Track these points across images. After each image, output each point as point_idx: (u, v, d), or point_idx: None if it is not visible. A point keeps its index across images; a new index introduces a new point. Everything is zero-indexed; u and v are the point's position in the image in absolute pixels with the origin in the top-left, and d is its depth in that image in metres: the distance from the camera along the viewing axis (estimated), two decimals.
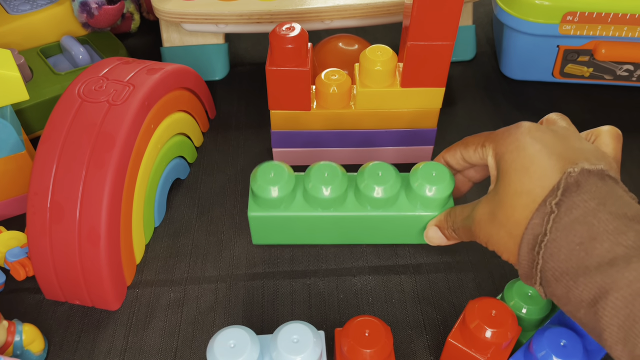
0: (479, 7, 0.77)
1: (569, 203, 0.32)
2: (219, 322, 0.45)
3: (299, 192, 0.45)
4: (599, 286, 0.30)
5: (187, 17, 0.58)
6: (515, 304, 0.40)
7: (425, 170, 0.43)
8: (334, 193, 0.43)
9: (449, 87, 0.65)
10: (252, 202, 0.45)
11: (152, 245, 0.51)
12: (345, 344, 0.37)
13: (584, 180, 0.33)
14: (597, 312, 0.30)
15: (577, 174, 0.33)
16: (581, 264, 0.31)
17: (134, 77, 0.48)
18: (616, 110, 0.63)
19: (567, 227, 0.32)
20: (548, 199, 0.33)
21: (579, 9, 0.57)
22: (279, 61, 0.48)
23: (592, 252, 0.31)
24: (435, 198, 0.43)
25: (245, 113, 0.63)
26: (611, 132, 0.39)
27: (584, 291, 0.31)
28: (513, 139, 0.37)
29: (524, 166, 0.35)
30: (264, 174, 0.43)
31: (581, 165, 0.33)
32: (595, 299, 0.30)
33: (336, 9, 0.58)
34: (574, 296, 0.31)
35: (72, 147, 0.43)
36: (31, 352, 0.41)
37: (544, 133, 0.36)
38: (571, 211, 0.32)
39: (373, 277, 0.48)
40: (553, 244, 0.32)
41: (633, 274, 0.29)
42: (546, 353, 0.36)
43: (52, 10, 0.63)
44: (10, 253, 0.47)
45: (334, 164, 0.44)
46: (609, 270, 0.30)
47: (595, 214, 0.31)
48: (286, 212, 0.44)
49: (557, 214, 0.32)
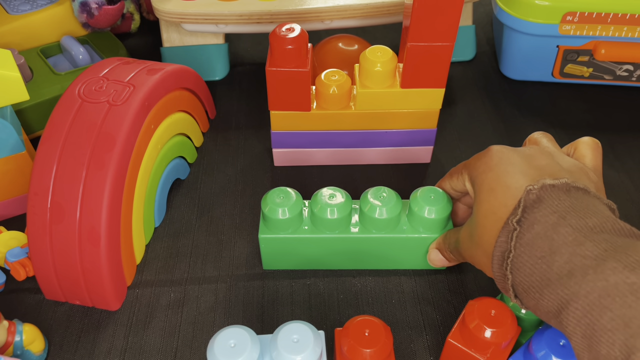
0: (479, 7, 0.77)
1: (531, 219, 0.34)
2: (219, 322, 0.45)
3: (306, 216, 0.46)
4: (560, 297, 0.31)
5: (187, 17, 0.58)
6: (515, 304, 0.40)
7: (424, 194, 0.45)
8: (339, 214, 0.44)
9: (449, 87, 0.65)
10: (263, 226, 0.46)
11: (152, 245, 0.51)
12: (345, 343, 0.37)
13: (546, 195, 0.34)
14: (562, 322, 0.31)
15: (537, 190, 0.34)
16: (544, 276, 0.32)
17: (134, 77, 0.48)
18: (616, 110, 0.63)
19: (529, 243, 0.33)
20: (511, 217, 0.34)
21: (578, 9, 0.57)
22: (279, 62, 0.48)
23: (553, 264, 0.32)
24: (435, 219, 0.44)
25: (245, 113, 0.63)
26: (589, 142, 0.40)
27: (549, 302, 0.32)
28: (482, 162, 0.38)
29: (490, 187, 0.37)
30: (273, 198, 0.45)
31: (542, 182, 0.34)
32: (558, 309, 0.31)
33: (336, 9, 0.58)
34: (542, 307, 0.33)
35: (73, 148, 0.43)
36: (31, 352, 0.41)
37: (511, 153, 0.38)
38: (533, 227, 0.33)
39: (373, 278, 0.48)
40: (518, 260, 0.34)
41: (590, 284, 0.30)
42: (545, 353, 0.36)
43: (52, 10, 0.63)
44: (10, 253, 0.47)
45: (339, 189, 0.46)
46: (568, 282, 0.31)
47: (555, 228, 0.32)
48: (294, 235, 0.46)
49: (519, 231, 0.34)
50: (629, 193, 0.55)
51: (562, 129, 0.60)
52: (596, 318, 0.29)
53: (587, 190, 0.35)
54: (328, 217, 0.44)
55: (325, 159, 0.56)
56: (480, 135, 0.61)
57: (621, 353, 0.28)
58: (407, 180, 0.56)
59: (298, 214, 0.45)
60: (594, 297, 0.30)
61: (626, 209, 0.53)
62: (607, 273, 0.30)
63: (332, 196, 0.45)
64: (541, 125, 0.61)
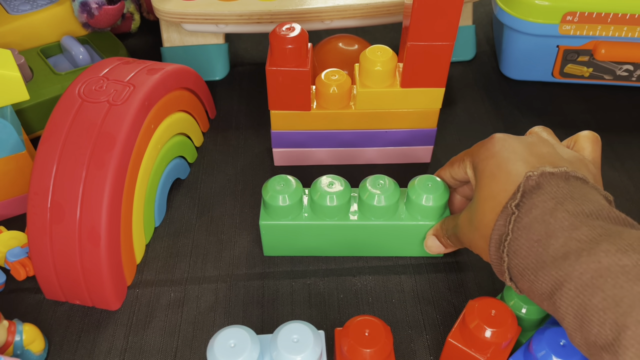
0: (479, 7, 0.77)
1: (529, 204, 0.35)
2: (219, 322, 0.45)
3: (306, 203, 0.47)
4: (554, 279, 0.32)
5: (187, 17, 0.58)
6: (515, 304, 0.40)
7: (422, 182, 0.46)
8: (338, 201, 0.45)
9: (449, 87, 0.65)
10: (264, 212, 0.47)
11: (152, 245, 0.51)
12: (345, 343, 0.37)
13: (545, 182, 0.35)
14: (555, 303, 0.32)
15: (537, 176, 0.35)
16: (539, 259, 0.33)
17: (134, 77, 0.48)
18: (616, 110, 0.63)
19: (527, 227, 0.34)
20: (510, 201, 0.35)
21: (578, 9, 0.57)
22: (279, 61, 0.48)
23: (548, 247, 0.33)
24: (433, 207, 0.45)
25: (245, 113, 0.63)
26: (588, 136, 0.41)
27: (543, 284, 0.33)
28: (485, 149, 0.40)
29: (492, 173, 0.38)
30: (274, 185, 0.45)
31: (542, 169, 0.35)
32: (552, 291, 0.32)
33: (336, 9, 0.58)
34: (537, 289, 0.34)
35: (73, 147, 0.43)
36: (31, 352, 0.41)
37: (514, 142, 0.39)
38: (530, 211, 0.34)
39: (373, 277, 0.48)
40: (515, 242, 0.35)
41: (583, 266, 0.31)
42: (546, 353, 0.36)
43: (52, 10, 0.63)
44: (10, 253, 0.47)
45: (338, 177, 0.46)
46: (563, 264, 0.32)
47: (553, 213, 0.33)
48: (294, 222, 0.46)
49: (517, 215, 0.35)
50: (629, 193, 0.55)
51: (562, 129, 0.60)
52: (588, 298, 0.30)
53: (586, 180, 0.36)
54: (327, 205, 0.45)
55: (325, 158, 0.56)
56: (480, 135, 0.60)
57: (612, 332, 0.29)
58: (407, 180, 0.55)
59: (298, 201, 0.45)
60: (586, 278, 0.31)
61: (626, 209, 0.52)
62: (600, 255, 0.31)
63: (332, 184, 0.45)
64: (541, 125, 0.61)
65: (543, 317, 0.40)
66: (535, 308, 0.40)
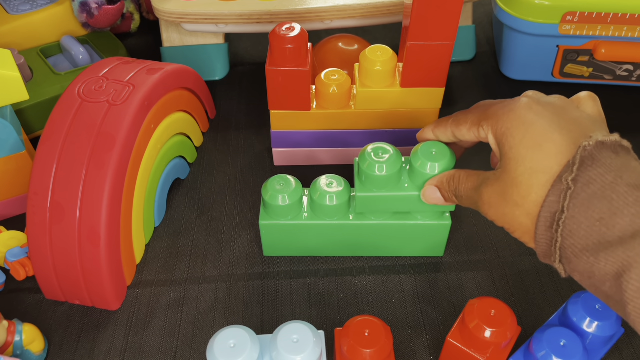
0: (479, 7, 0.77)
1: (586, 178, 0.31)
2: (219, 322, 0.45)
3: (306, 203, 0.47)
4: (622, 260, 0.29)
5: (187, 17, 0.58)
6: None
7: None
8: (338, 201, 0.45)
9: (449, 87, 0.65)
10: (264, 212, 0.47)
11: (152, 245, 0.51)
12: (345, 344, 0.37)
13: (598, 153, 0.32)
14: (621, 285, 0.29)
15: (592, 147, 0.32)
16: (602, 239, 0.30)
17: (134, 77, 0.48)
18: (616, 110, 0.63)
19: (585, 203, 0.31)
20: (564, 175, 0.32)
21: (578, 9, 0.57)
22: (279, 61, 0.48)
23: (614, 227, 0.30)
24: None
25: (245, 113, 0.63)
26: (590, 95, 0.38)
27: (607, 266, 0.30)
28: (515, 115, 0.35)
29: (537, 143, 0.34)
30: (274, 185, 0.45)
31: (595, 138, 0.32)
32: (619, 272, 0.30)
33: (336, 9, 0.58)
34: (598, 271, 0.31)
35: (72, 147, 0.43)
36: (31, 352, 0.41)
37: (544, 107, 0.35)
38: (588, 186, 0.31)
39: (373, 277, 0.48)
40: (572, 221, 0.31)
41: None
42: (546, 353, 0.36)
43: (52, 10, 0.63)
44: (10, 253, 0.47)
45: (338, 177, 0.46)
46: (632, 243, 0.29)
47: (614, 188, 0.31)
48: (294, 221, 0.46)
49: (574, 190, 0.32)
50: None
51: None
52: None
53: (629, 149, 0.33)
54: (327, 204, 0.45)
55: (325, 158, 0.56)
56: None
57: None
58: None
59: (298, 201, 0.45)
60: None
61: None
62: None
63: (331, 184, 0.45)
64: None
65: None
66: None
